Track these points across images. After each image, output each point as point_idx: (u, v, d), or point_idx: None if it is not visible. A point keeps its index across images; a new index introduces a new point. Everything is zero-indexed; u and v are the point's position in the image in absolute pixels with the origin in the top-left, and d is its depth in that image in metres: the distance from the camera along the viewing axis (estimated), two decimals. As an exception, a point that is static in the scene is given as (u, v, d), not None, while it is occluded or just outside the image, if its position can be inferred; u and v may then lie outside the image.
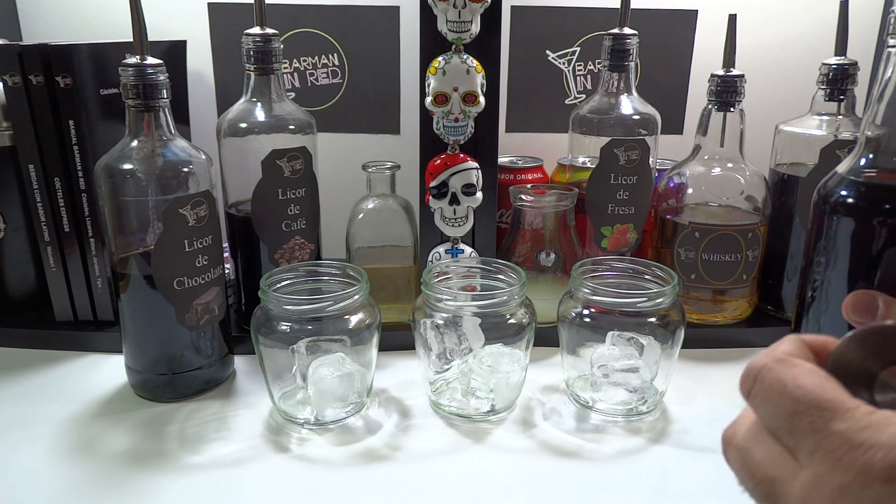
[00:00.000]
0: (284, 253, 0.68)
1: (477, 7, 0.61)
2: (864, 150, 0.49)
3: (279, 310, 0.56)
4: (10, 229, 0.72)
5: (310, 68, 0.85)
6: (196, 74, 0.84)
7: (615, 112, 0.72)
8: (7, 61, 0.63)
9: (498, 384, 0.58)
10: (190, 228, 0.57)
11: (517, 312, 0.58)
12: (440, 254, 0.68)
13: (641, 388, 0.58)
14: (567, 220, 0.72)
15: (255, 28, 0.64)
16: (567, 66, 0.87)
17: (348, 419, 0.58)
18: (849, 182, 0.49)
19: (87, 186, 0.67)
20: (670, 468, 0.52)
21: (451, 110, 0.63)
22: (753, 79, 0.71)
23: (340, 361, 0.56)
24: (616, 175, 0.71)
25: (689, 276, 0.71)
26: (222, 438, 0.55)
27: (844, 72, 0.69)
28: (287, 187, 0.66)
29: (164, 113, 0.57)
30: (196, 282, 0.58)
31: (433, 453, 0.54)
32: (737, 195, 0.71)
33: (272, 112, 0.66)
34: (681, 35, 0.85)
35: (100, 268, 0.70)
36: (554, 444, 0.55)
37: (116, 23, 0.82)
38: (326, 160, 0.74)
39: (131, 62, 0.55)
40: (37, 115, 0.65)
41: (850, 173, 0.49)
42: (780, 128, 0.74)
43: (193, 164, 0.58)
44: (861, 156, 0.49)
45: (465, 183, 0.65)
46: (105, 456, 0.53)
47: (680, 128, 0.89)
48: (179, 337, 0.59)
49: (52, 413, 0.58)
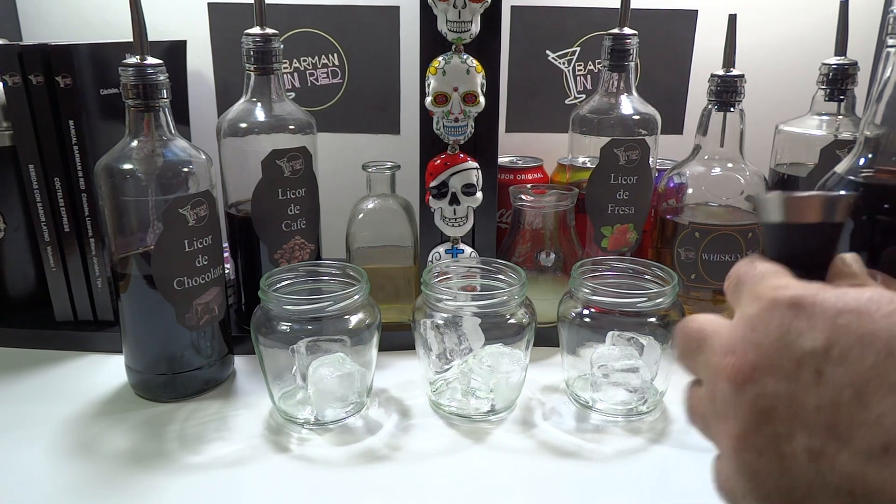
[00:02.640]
0: (284, 253, 0.68)
1: (477, 7, 0.61)
2: (863, 150, 0.49)
3: (279, 310, 0.56)
4: (10, 229, 0.72)
5: (310, 68, 0.85)
6: (196, 74, 0.84)
7: (615, 112, 0.72)
8: (7, 61, 0.63)
9: (498, 384, 0.58)
10: (190, 228, 0.57)
11: (517, 312, 0.58)
12: (440, 254, 0.68)
13: (641, 388, 0.58)
14: (567, 220, 0.72)
15: (255, 28, 0.64)
16: (567, 66, 0.87)
17: (348, 419, 0.58)
18: (847, 182, 0.49)
19: (87, 186, 0.67)
20: (670, 468, 0.52)
21: (451, 110, 0.63)
22: (753, 79, 0.71)
23: (340, 361, 0.56)
24: (616, 175, 0.71)
25: (689, 276, 0.71)
26: (222, 438, 0.55)
27: (844, 72, 0.69)
28: (287, 187, 0.66)
29: (164, 113, 0.57)
30: (196, 282, 0.58)
31: (433, 453, 0.54)
32: (737, 195, 0.71)
33: (272, 112, 0.66)
34: (681, 35, 0.85)
35: (100, 268, 0.70)
36: (554, 444, 0.55)
37: (116, 23, 0.82)
38: (326, 160, 0.74)
39: (131, 62, 0.55)
40: (37, 115, 0.65)
41: (848, 173, 0.49)
42: (780, 128, 0.74)
43: (193, 164, 0.58)
44: (860, 155, 0.49)
45: (465, 183, 0.65)
46: (105, 456, 0.53)
47: (680, 128, 0.89)
48: (179, 337, 0.59)
49: (52, 413, 0.58)
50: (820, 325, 0.26)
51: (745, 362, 0.27)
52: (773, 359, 0.26)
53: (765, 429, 0.26)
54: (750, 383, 0.27)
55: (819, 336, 0.26)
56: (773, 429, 0.26)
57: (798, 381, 0.26)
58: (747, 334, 0.28)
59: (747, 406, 0.27)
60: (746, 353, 0.27)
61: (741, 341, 0.28)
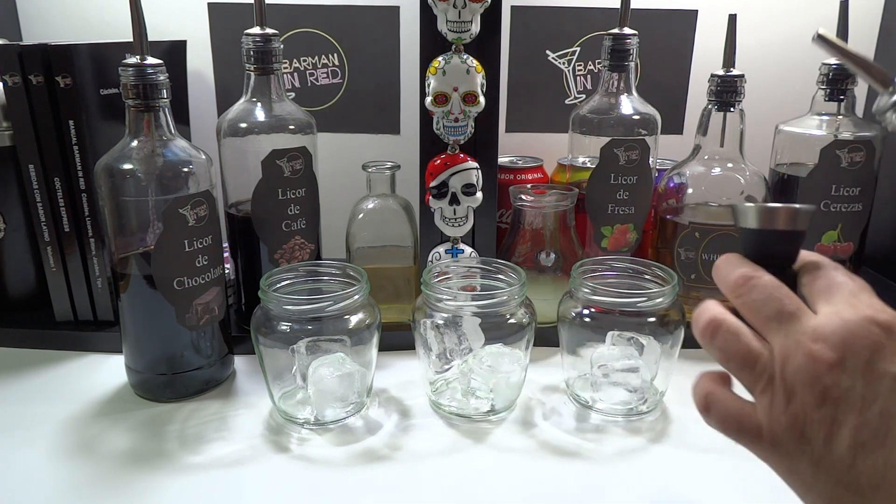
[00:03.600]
0: (284, 253, 0.68)
1: (477, 7, 0.61)
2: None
3: (279, 310, 0.56)
4: (10, 229, 0.72)
5: (310, 68, 0.85)
6: (196, 74, 0.84)
7: (615, 112, 0.72)
8: (7, 61, 0.64)
9: (498, 384, 0.58)
10: (190, 228, 0.57)
11: (517, 312, 0.58)
12: (440, 254, 0.68)
13: (641, 387, 0.58)
14: (567, 220, 0.72)
15: (255, 28, 0.64)
16: (567, 66, 0.87)
17: (348, 419, 0.58)
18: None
19: (87, 186, 0.67)
20: (670, 468, 0.52)
21: (451, 110, 0.63)
22: (753, 79, 0.71)
23: (340, 361, 0.56)
24: (616, 175, 0.71)
25: (689, 276, 0.71)
26: (222, 438, 0.55)
27: (844, 72, 0.69)
28: (287, 187, 0.66)
29: (164, 113, 0.57)
30: (196, 282, 0.58)
31: (433, 453, 0.54)
32: (737, 195, 0.71)
33: (272, 112, 0.66)
34: (681, 35, 0.85)
35: (100, 268, 0.70)
36: (554, 444, 0.55)
37: (116, 23, 0.82)
38: (326, 160, 0.74)
39: (131, 62, 0.55)
40: (37, 115, 0.65)
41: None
42: (780, 128, 0.74)
43: (193, 164, 0.58)
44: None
45: (465, 183, 0.65)
46: (105, 456, 0.53)
47: (680, 128, 0.89)
48: (179, 337, 0.59)
49: (52, 413, 0.58)
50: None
51: (834, 355, 0.32)
52: (859, 364, 0.32)
53: (826, 409, 0.32)
54: (830, 372, 0.32)
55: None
56: (834, 412, 0.32)
57: (874, 389, 0.32)
58: (842, 332, 0.33)
59: (821, 387, 0.32)
60: (838, 346, 0.32)
61: (834, 335, 0.33)
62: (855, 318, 0.33)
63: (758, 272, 0.37)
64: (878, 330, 0.33)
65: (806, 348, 0.33)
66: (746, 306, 0.37)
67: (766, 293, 0.36)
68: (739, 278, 0.37)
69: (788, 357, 0.34)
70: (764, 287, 0.36)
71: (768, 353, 0.35)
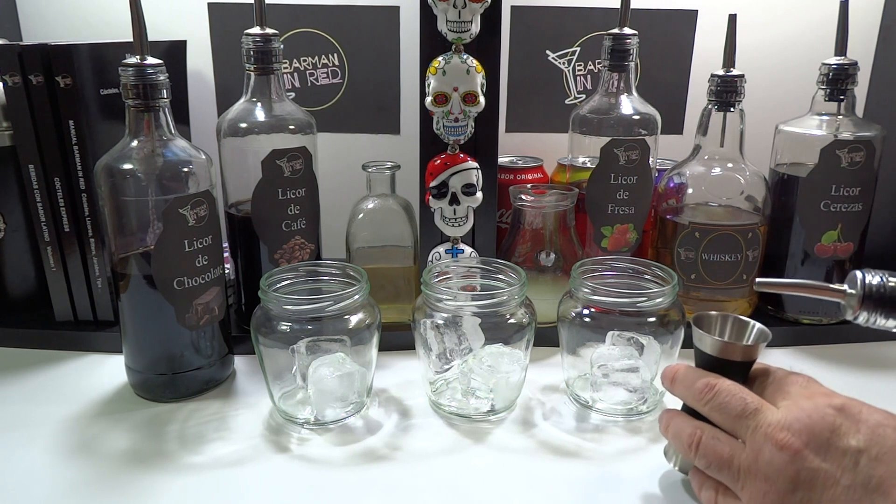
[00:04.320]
0: (284, 253, 0.68)
1: (477, 7, 0.61)
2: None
3: (279, 310, 0.56)
4: (10, 229, 0.72)
5: (310, 68, 0.85)
6: (196, 74, 0.84)
7: (615, 112, 0.72)
8: (7, 61, 0.64)
9: (498, 384, 0.58)
10: (190, 228, 0.57)
11: (517, 312, 0.58)
12: (440, 254, 0.68)
13: (641, 387, 0.58)
14: (567, 220, 0.72)
15: (255, 28, 0.64)
16: (567, 66, 0.87)
17: (348, 419, 0.58)
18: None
19: (87, 186, 0.67)
20: (670, 468, 0.52)
21: (451, 110, 0.63)
22: (753, 79, 0.71)
23: (340, 361, 0.56)
24: (616, 175, 0.71)
25: (689, 276, 0.71)
26: (222, 438, 0.55)
27: (844, 72, 0.69)
28: (287, 187, 0.66)
29: (164, 113, 0.57)
30: (196, 282, 0.58)
31: (433, 453, 0.54)
32: (737, 195, 0.71)
33: (272, 112, 0.66)
34: (681, 35, 0.85)
35: (100, 268, 0.70)
36: (554, 443, 0.55)
37: (116, 23, 0.82)
38: (326, 160, 0.74)
39: (131, 62, 0.55)
40: (37, 115, 0.65)
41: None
42: (780, 128, 0.74)
43: (193, 164, 0.58)
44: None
45: (465, 183, 0.65)
46: (105, 456, 0.53)
47: (680, 128, 0.89)
48: (179, 337, 0.59)
49: (51, 413, 0.58)
50: (864, 430, 0.37)
51: (800, 441, 0.38)
52: (822, 444, 0.37)
53: (800, 493, 0.37)
54: (799, 457, 0.37)
55: (862, 438, 0.37)
56: (808, 494, 0.37)
57: (839, 465, 0.37)
58: (803, 419, 0.38)
59: (792, 473, 0.37)
60: (801, 433, 0.38)
61: (796, 422, 0.38)
62: (812, 405, 0.39)
63: (718, 378, 0.43)
64: (833, 412, 0.38)
65: (773, 439, 0.38)
66: (714, 409, 0.42)
67: (730, 394, 0.42)
68: (703, 386, 0.43)
69: (760, 450, 0.39)
70: (727, 390, 0.42)
71: (741, 449, 0.40)
